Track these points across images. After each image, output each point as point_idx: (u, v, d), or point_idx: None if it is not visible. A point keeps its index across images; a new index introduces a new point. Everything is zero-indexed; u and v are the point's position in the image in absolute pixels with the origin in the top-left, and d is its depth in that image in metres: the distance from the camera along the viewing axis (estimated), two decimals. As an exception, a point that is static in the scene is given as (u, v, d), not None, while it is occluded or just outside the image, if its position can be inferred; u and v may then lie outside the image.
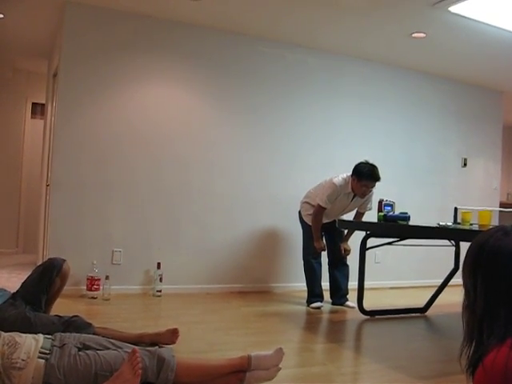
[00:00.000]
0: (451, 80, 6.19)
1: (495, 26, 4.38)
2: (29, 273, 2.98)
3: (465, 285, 1.22)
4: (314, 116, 5.41)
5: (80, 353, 2.02)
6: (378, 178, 4.22)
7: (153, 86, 4.79)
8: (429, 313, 4.44)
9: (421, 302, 4.50)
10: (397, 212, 4.18)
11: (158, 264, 4.61)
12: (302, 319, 4.15)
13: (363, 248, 4.07)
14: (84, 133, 4.52)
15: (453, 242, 4.30)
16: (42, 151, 5.94)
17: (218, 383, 2.21)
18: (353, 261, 4.36)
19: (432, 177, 6.11)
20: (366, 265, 4.11)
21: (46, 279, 2.85)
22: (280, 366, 2.29)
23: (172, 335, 2.76)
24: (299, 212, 4.66)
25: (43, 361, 1.94)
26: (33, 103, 6.89)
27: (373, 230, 4.11)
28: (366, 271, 4.10)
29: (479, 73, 5.95)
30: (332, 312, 4.41)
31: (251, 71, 5.16)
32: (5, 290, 2.82)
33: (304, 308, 4.44)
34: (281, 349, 2.30)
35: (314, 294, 4.49)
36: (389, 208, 4.23)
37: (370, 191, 4.37)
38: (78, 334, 2.21)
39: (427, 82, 6.07)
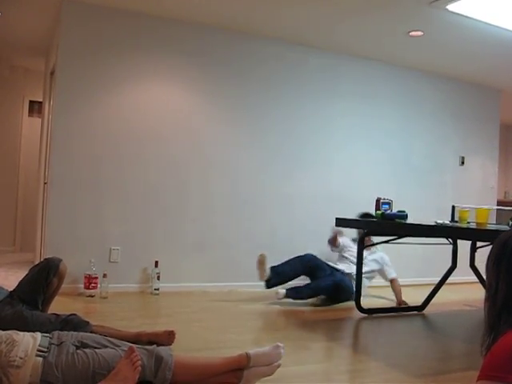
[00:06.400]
0: (449, 78, 6.19)
1: (493, 25, 4.39)
2: (26, 271, 2.97)
3: (487, 278, 1.33)
4: (313, 114, 5.41)
5: (78, 351, 2.01)
6: None
7: (151, 84, 4.78)
8: (426, 311, 4.46)
9: (418, 300, 4.51)
10: (394, 210, 4.18)
11: (156, 262, 4.61)
12: (300, 317, 4.15)
13: (361, 246, 4.08)
14: (81, 131, 4.51)
15: (450, 240, 4.31)
16: (40, 149, 5.93)
17: (215, 381, 2.20)
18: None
19: (430, 175, 6.11)
20: (364, 263, 4.12)
21: (43, 280, 2.84)
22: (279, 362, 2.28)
23: (168, 337, 2.75)
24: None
25: (41, 359, 1.93)
26: (30, 101, 6.86)
27: (370, 228, 4.11)
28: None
29: (477, 71, 5.96)
30: (330, 310, 4.41)
31: (250, 70, 5.15)
32: (2, 288, 2.81)
33: (302, 306, 4.44)
34: (278, 345, 2.29)
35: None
36: (386, 206, 4.23)
37: None
38: (76, 333, 2.21)
39: (425, 80, 6.07)
